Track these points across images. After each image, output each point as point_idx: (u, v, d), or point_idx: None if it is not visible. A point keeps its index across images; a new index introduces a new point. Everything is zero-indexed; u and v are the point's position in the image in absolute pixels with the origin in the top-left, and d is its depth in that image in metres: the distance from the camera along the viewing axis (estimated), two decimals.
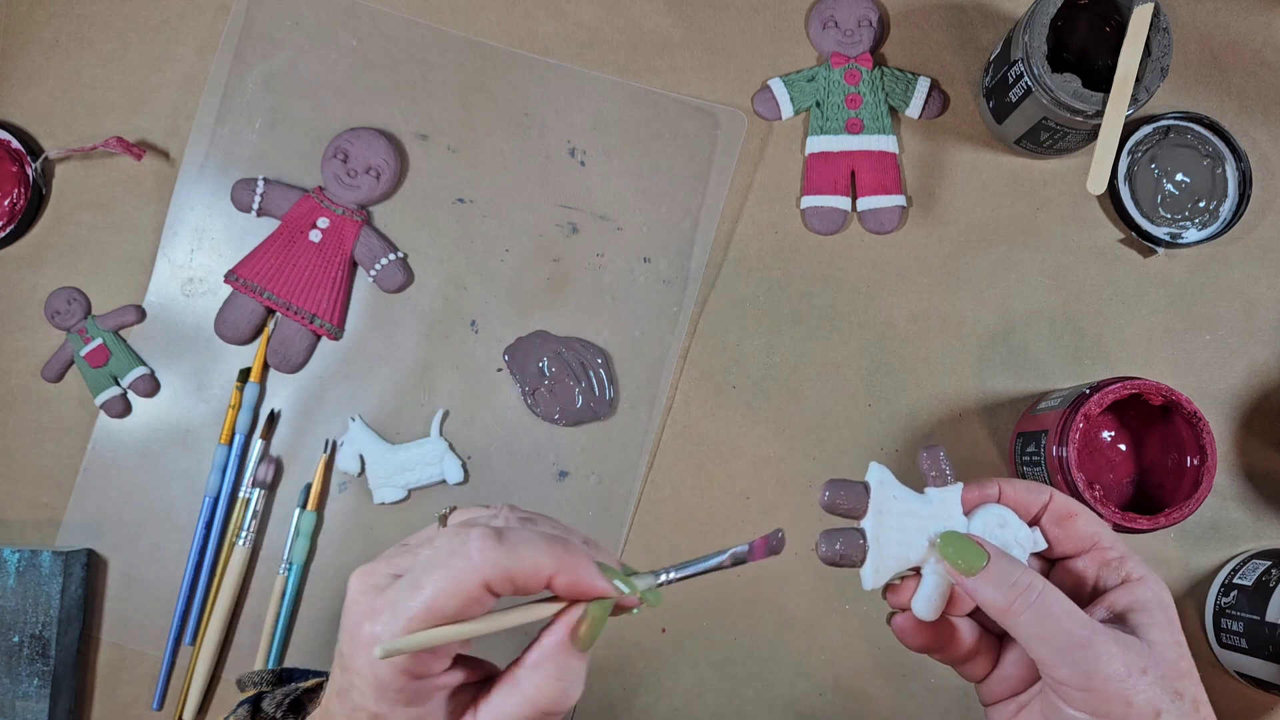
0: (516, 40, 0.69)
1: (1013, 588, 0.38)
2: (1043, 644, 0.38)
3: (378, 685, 0.35)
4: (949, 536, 0.40)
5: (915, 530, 0.41)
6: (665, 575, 0.39)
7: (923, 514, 0.41)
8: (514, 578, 0.34)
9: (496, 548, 0.34)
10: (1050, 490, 0.42)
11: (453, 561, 0.34)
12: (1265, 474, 0.65)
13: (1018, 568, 0.39)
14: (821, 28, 0.68)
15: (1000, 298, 0.67)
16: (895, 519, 0.41)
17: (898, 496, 0.41)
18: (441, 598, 0.34)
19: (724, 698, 0.64)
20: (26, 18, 0.70)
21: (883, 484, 0.41)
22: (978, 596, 0.39)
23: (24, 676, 0.63)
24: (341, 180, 0.67)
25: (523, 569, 0.34)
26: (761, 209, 0.68)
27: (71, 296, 0.68)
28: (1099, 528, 0.42)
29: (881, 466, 0.42)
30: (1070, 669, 0.37)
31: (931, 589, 0.41)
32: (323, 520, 0.66)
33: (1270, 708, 0.64)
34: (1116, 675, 0.36)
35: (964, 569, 0.39)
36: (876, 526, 0.41)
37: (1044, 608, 0.38)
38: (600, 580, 0.36)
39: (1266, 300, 0.66)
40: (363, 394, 0.67)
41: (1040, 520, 0.42)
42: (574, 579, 0.35)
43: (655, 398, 0.66)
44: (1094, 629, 0.37)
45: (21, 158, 0.68)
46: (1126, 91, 0.58)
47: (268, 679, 0.46)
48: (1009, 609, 0.38)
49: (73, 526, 0.66)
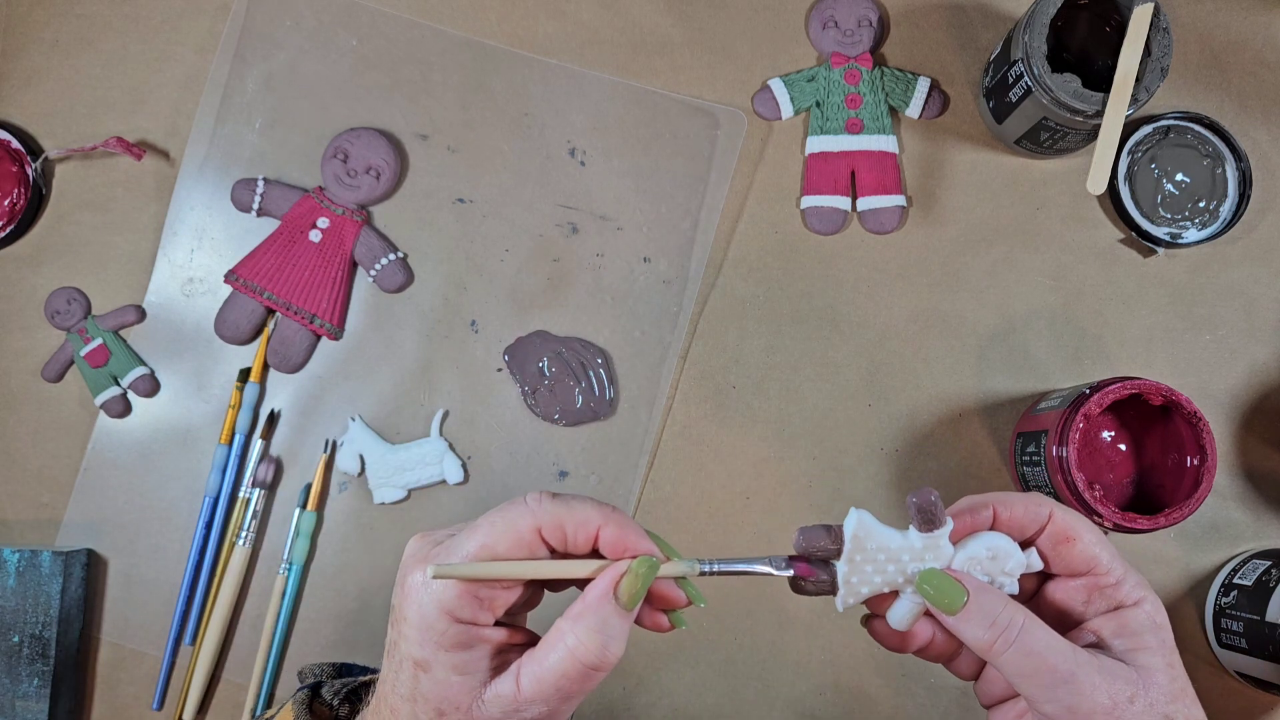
0: (516, 40, 0.69)
1: (993, 627, 0.37)
2: (1026, 681, 0.37)
3: (423, 627, 0.37)
4: (928, 574, 0.39)
5: (894, 572, 0.39)
6: (708, 565, 0.39)
7: (903, 559, 0.39)
8: (565, 525, 0.37)
9: (551, 500, 0.37)
10: (1050, 507, 0.40)
11: (509, 509, 0.37)
12: (1265, 474, 0.65)
13: (998, 603, 0.38)
14: (821, 28, 0.68)
15: (1000, 298, 0.67)
16: (873, 565, 0.39)
17: (879, 545, 0.39)
18: (496, 536, 0.36)
19: (724, 698, 0.64)
20: (26, 18, 0.70)
21: (858, 536, 0.39)
22: (960, 634, 0.38)
23: (24, 676, 0.63)
24: (341, 180, 0.67)
25: (574, 518, 0.37)
26: (761, 209, 0.68)
27: (71, 296, 0.68)
28: (1098, 550, 0.39)
29: (861, 512, 0.39)
30: (1055, 704, 0.37)
31: (905, 610, 0.40)
32: (323, 520, 0.66)
33: (1270, 708, 0.64)
34: (1103, 708, 0.36)
35: (944, 608, 0.38)
36: (849, 572, 0.39)
37: (1025, 645, 0.37)
38: (645, 540, 0.38)
39: (1266, 300, 0.66)
40: (363, 394, 0.67)
41: (1037, 540, 0.40)
42: (621, 534, 0.38)
43: (655, 398, 0.66)
44: (1077, 662, 0.37)
45: (21, 158, 0.68)
46: (1126, 91, 0.58)
47: (328, 671, 0.47)
48: (990, 648, 0.37)
49: (73, 526, 0.66)
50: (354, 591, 0.66)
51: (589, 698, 0.64)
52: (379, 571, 0.66)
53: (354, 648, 0.65)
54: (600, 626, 0.36)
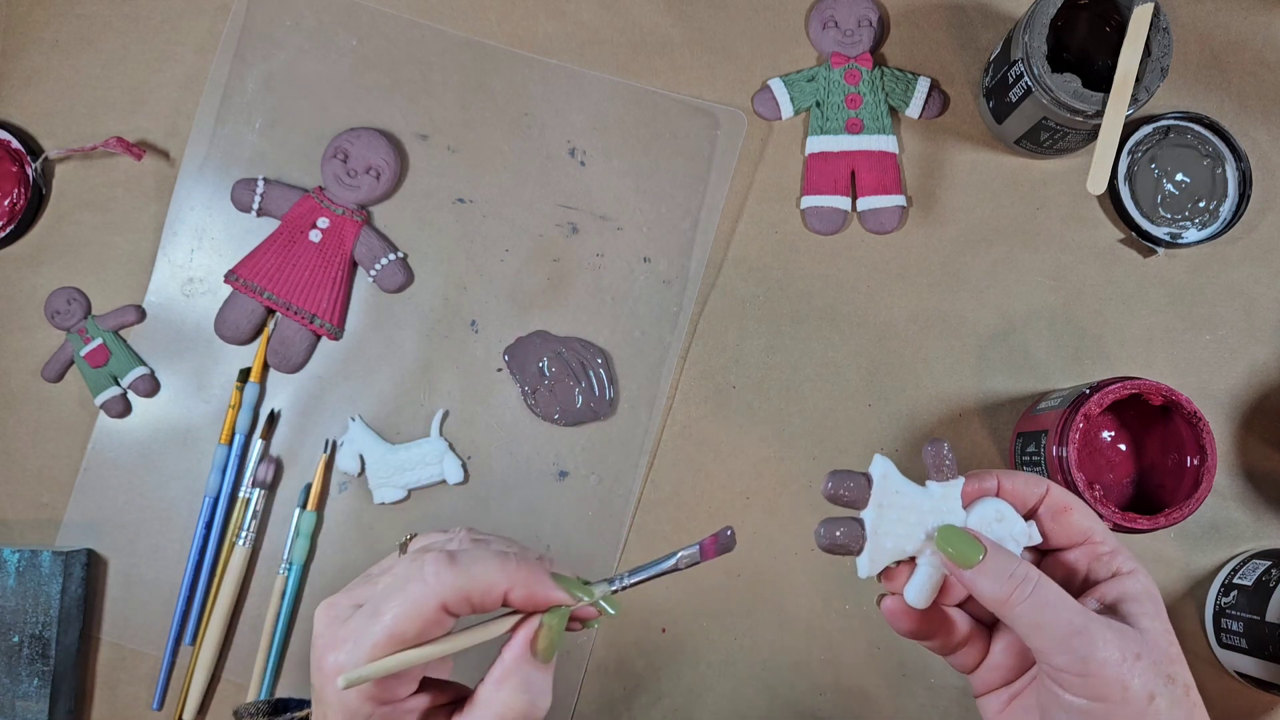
0: (516, 40, 0.69)
1: (1009, 580, 0.39)
2: (1039, 632, 0.38)
3: (347, 714, 0.36)
4: (947, 530, 0.41)
5: (914, 524, 0.41)
6: (620, 581, 0.40)
7: (923, 508, 0.41)
8: (470, 596, 0.36)
9: (450, 569, 0.36)
10: (1048, 483, 0.43)
11: (409, 586, 0.35)
12: (1265, 474, 0.65)
13: (1013, 560, 0.40)
14: (821, 28, 0.68)
15: (1000, 298, 0.67)
16: (896, 512, 0.41)
17: (900, 490, 0.42)
18: (401, 622, 0.35)
19: (724, 698, 0.64)
20: (26, 18, 0.70)
21: (886, 477, 0.42)
22: (975, 589, 0.40)
23: (24, 676, 0.63)
24: (341, 180, 0.67)
25: (477, 587, 0.36)
26: (761, 209, 0.68)
27: (71, 296, 0.68)
28: (1093, 522, 0.42)
29: (885, 459, 0.42)
30: (1067, 655, 0.38)
31: (924, 579, 0.42)
32: (323, 520, 0.66)
33: (1270, 708, 0.64)
34: (1112, 661, 0.37)
35: (961, 562, 0.40)
36: (877, 519, 0.41)
37: (1040, 598, 0.39)
38: (555, 590, 0.37)
39: (1266, 300, 0.66)
40: (363, 394, 0.67)
41: (1037, 513, 0.43)
42: (528, 591, 0.37)
43: (655, 398, 0.66)
44: (1089, 617, 0.38)
45: (21, 158, 0.68)
46: (1126, 91, 0.58)
47: (264, 709, 0.47)
48: (1006, 600, 0.39)
49: (73, 526, 0.66)
50: None
51: (589, 698, 0.64)
52: None
53: None
54: (524, 686, 0.37)
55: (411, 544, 0.41)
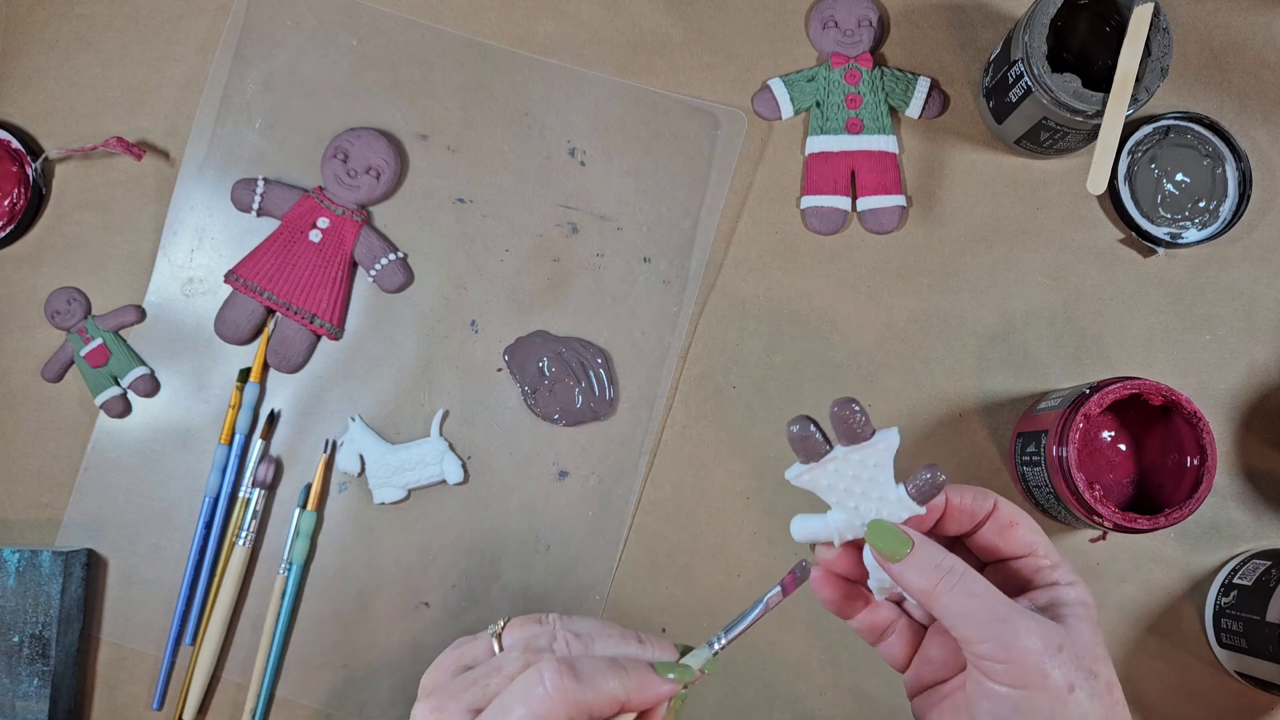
0: (516, 40, 0.69)
1: (935, 570, 0.40)
2: (965, 621, 0.39)
3: None
4: (875, 525, 0.42)
5: (851, 480, 0.42)
6: (717, 643, 0.41)
7: (860, 474, 0.42)
8: (592, 709, 0.37)
9: (573, 683, 0.37)
10: (995, 498, 0.44)
11: (531, 701, 0.36)
12: (1265, 474, 0.65)
13: (940, 552, 0.41)
14: (821, 28, 0.68)
15: (1000, 298, 0.67)
16: (852, 474, 0.43)
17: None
18: None
19: (724, 698, 0.64)
20: (26, 18, 0.70)
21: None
22: (903, 581, 0.41)
23: (24, 676, 0.63)
24: (341, 180, 0.67)
25: (599, 700, 0.37)
26: (761, 209, 0.68)
27: (71, 296, 0.68)
28: (1037, 536, 0.43)
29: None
30: (991, 643, 0.39)
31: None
32: (323, 520, 0.66)
33: (1270, 708, 0.64)
34: (1034, 650, 0.38)
35: (889, 556, 0.41)
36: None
37: (966, 587, 0.40)
38: (666, 685, 0.39)
39: (1266, 300, 0.66)
40: (363, 394, 0.67)
41: (983, 527, 0.44)
42: (644, 696, 0.38)
43: (655, 398, 0.66)
44: (1013, 608, 0.39)
45: (21, 158, 0.68)
46: (1126, 91, 0.58)
47: None
48: (933, 591, 0.40)
49: (73, 526, 0.66)
50: (354, 591, 0.66)
51: None
52: (379, 572, 0.66)
53: (354, 648, 0.65)
54: None
55: (506, 631, 0.41)
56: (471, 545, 0.66)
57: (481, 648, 0.41)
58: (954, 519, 0.44)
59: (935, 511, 0.43)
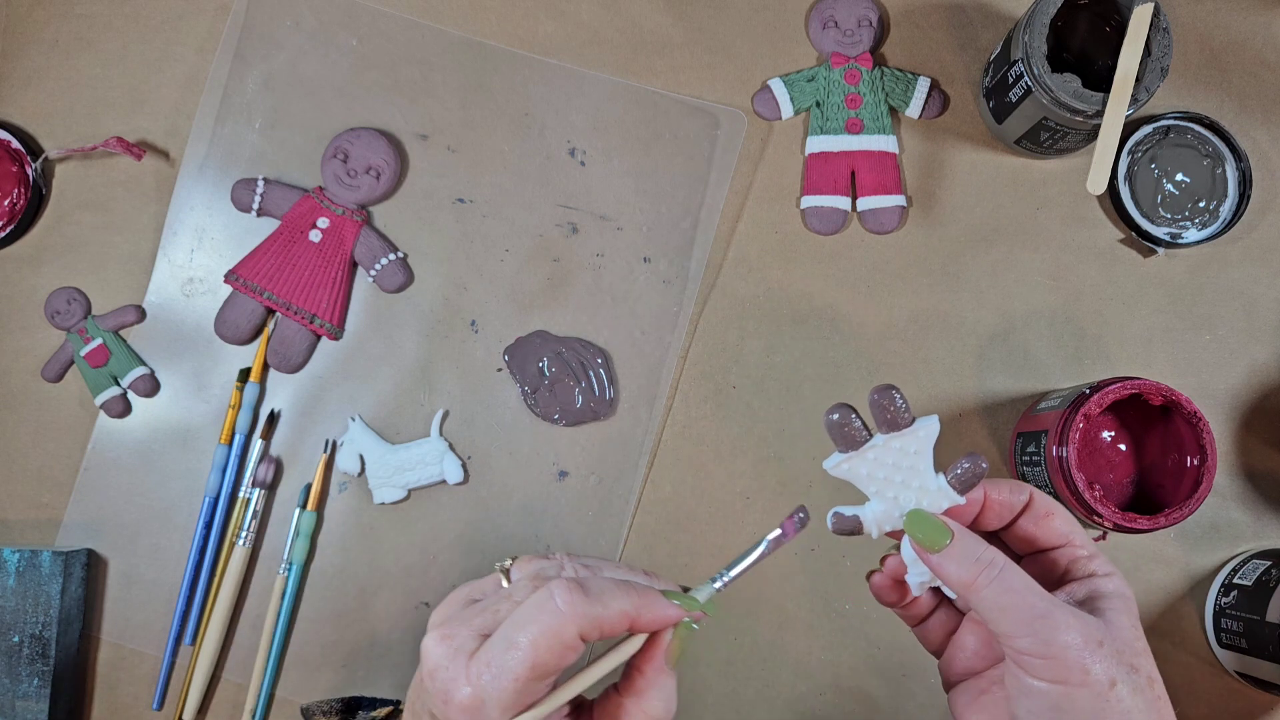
0: (516, 40, 0.69)
1: (975, 563, 0.40)
2: (1004, 615, 0.39)
3: None
4: (914, 515, 0.41)
5: (891, 468, 0.42)
6: (720, 580, 0.42)
7: (900, 461, 0.42)
8: (602, 624, 0.38)
9: (584, 599, 0.37)
10: (1030, 489, 0.43)
11: (543, 616, 0.37)
12: (1265, 474, 0.65)
13: (980, 544, 0.40)
14: (821, 28, 0.68)
15: (1000, 298, 0.67)
16: (891, 462, 0.42)
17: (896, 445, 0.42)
18: (541, 653, 0.36)
19: (724, 698, 0.64)
20: (26, 18, 0.70)
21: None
22: (942, 572, 0.41)
23: (24, 676, 0.63)
24: (341, 180, 0.67)
25: (610, 615, 0.38)
26: (761, 209, 0.68)
27: (71, 296, 0.68)
28: (1072, 527, 0.43)
29: None
30: (1031, 638, 0.38)
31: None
32: (323, 520, 0.66)
33: (1270, 708, 0.64)
34: (1075, 645, 0.38)
35: (929, 547, 0.41)
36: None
37: (1005, 582, 0.39)
38: (673, 609, 0.40)
39: (1266, 300, 0.66)
40: (363, 394, 0.67)
41: (1022, 517, 0.43)
42: (652, 616, 0.39)
43: (655, 398, 0.66)
44: (1053, 603, 0.39)
45: (21, 158, 0.68)
46: (1126, 91, 0.58)
47: (336, 709, 0.47)
48: (972, 584, 0.40)
49: (73, 526, 0.66)
50: (354, 591, 0.66)
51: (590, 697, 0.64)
52: (379, 571, 0.66)
53: (354, 648, 0.65)
54: (663, 694, 0.40)
55: (514, 567, 0.42)
56: (471, 545, 0.66)
57: (490, 582, 0.41)
58: (993, 512, 0.43)
59: (974, 505, 0.43)
